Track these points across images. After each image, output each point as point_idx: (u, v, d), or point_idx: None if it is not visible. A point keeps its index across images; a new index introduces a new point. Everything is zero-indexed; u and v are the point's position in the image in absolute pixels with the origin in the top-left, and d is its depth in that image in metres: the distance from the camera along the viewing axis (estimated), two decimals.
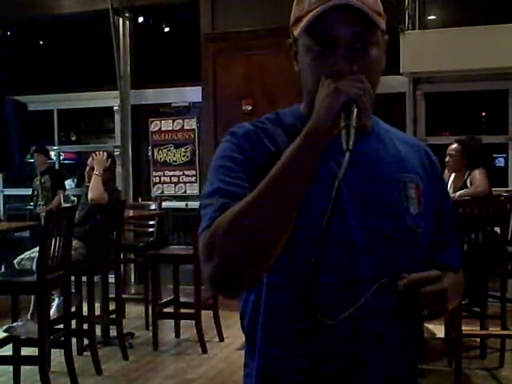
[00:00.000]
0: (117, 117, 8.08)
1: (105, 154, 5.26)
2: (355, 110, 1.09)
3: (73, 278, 4.62)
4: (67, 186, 7.79)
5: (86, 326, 4.71)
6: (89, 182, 5.19)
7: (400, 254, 1.23)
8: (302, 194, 1.11)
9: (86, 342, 4.82)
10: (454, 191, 5.14)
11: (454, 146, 5.23)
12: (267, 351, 1.25)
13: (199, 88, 7.42)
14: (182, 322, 5.46)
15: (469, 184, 5.16)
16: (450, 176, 5.33)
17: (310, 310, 1.14)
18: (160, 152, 7.74)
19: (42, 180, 7.18)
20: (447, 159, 5.25)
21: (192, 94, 7.62)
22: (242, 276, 1.13)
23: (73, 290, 4.65)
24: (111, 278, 5.26)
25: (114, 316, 5.08)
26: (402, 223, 1.25)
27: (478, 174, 5.09)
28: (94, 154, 5.28)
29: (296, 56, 1.26)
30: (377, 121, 1.35)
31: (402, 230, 1.25)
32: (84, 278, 4.80)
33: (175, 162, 7.69)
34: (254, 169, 1.18)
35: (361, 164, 1.23)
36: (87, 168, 5.33)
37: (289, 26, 1.25)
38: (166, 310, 5.39)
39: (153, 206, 6.67)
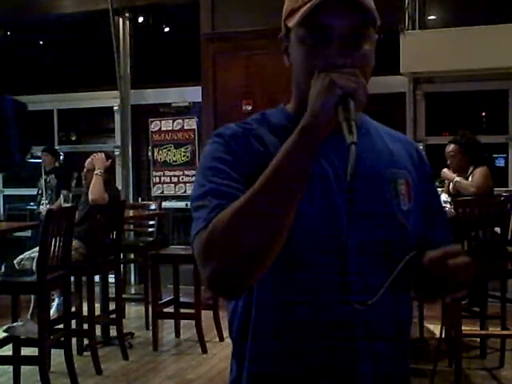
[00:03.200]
0: (117, 117, 8.09)
1: (102, 154, 5.23)
2: (352, 103, 1.07)
3: (73, 278, 4.62)
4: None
5: (86, 326, 4.71)
6: (87, 183, 5.17)
7: (391, 250, 1.22)
8: (301, 190, 1.10)
9: (86, 341, 4.82)
10: (456, 190, 5.10)
11: (452, 146, 5.19)
12: (258, 354, 1.23)
13: (199, 88, 7.42)
14: (182, 322, 5.46)
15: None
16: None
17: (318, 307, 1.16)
18: (160, 152, 7.74)
19: (48, 179, 7.17)
20: (448, 162, 5.21)
21: (192, 93, 7.62)
22: (244, 275, 1.11)
23: (73, 290, 4.65)
24: (111, 278, 5.26)
25: (114, 316, 5.08)
26: (394, 219, 1.24)
27: (478, 173, 5.04)
28: (93, 155, 5.24)
29: (287, 50, 1.24)
30: (366, 117, 1.34)
31: (394, 226, 1.24)
32: (84, 278, 4.80)
33: (175, 162, 7.69)
34: (243, 169, 1.17)
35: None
36: (84, 170, 5.29)
37: (282, 20, 1.23)
38: (166, 309, 5.39)
39: (153, 206, 6.67)
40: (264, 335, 1.22)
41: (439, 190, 5.04)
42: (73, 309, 4.71)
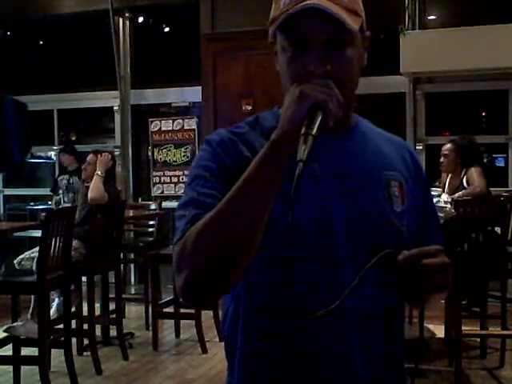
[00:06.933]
0: (117, 117, 8.08)
1: (109, 155, 5.30)
2: (320, 116, 1.06)
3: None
4: None
5: (86, 326, 4.71)
6: (85, 177, 5.28)
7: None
8: (269, 204, 1.08)
9: (86, 342, 4.82)
10: (451, 191, 5.13)
11: (448, 145, 5.24)
12: (248, 354, 1.25)
13: (199, 88, 7.42)
14: (182, 322, 5.46)
15: (465, 183, 5.13)
16: (446, 177, 5.32)
17: (290, 307, 1.15)
18: (160, 152, 7.75)
19: (71, 180, 6.97)
20: (442, 159, 5.24)
21: (192, 93, 7.62)
22: (210, 287, 1.13)
23: (72, 288, 4.65)
24: (111, 278, 5.26)
25: (114, 316, 5.08)
26: (387, 221, 1.23)
27: (474, 173, 5.06)
28: (99, 155, 5.28)
29: (276, 55, 1.25)
30: (360, 119, 1.33)
31: (387, 228, 1.23)
32: (84, 278, 4.80)
33: (175, 162, 7.69)
34: (229, 177, 1.16)
35: (342, 160, 1.23)
36: (85, 164, 5.34)
37: (267, 26, 1.24)
38: (166, 309, 5.39)
39: (153, 206, 6.67)
40: (253, 335, 1.23)
41: (438, 190, 5.06)
42: (73, 309, 4.71)
